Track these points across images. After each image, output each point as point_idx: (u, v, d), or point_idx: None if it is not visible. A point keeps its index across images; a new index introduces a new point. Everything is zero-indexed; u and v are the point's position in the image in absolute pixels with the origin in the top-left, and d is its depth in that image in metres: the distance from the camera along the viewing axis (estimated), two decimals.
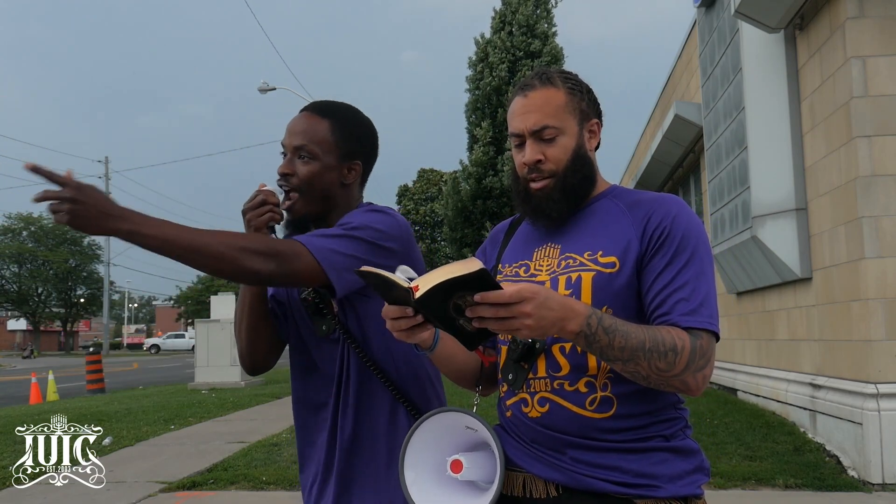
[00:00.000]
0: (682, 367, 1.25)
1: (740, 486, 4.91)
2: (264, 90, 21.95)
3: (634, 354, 1.22)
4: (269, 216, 1.59)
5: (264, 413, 9.95)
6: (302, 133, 1.62)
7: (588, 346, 1.22)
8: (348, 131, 1.66)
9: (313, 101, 1.73)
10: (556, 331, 1.18)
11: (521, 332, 1.14)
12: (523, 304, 1.12)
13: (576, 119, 1.42)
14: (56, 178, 1.29)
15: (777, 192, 6.57)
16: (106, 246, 49.09)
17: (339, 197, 1.66)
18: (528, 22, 15.65)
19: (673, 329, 1.27)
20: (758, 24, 6.46)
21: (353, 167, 1.66)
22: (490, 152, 15.23)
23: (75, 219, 1.29)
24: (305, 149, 1.61)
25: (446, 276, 1.09)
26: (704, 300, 1.31)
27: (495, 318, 1.12)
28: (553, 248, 1.43)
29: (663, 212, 1.36)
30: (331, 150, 1.63)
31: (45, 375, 15.20)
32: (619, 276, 1.33)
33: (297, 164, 1.62)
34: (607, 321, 1.22)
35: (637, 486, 1.31)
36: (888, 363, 5.07)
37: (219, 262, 1.40)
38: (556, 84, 1.42)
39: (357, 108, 1.73)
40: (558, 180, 1.41)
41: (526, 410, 1.38)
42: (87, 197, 1.30)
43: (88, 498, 5.00)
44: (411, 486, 1.33)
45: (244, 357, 1.69)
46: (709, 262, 1.35)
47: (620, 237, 1.36)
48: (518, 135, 1.43)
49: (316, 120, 1.64)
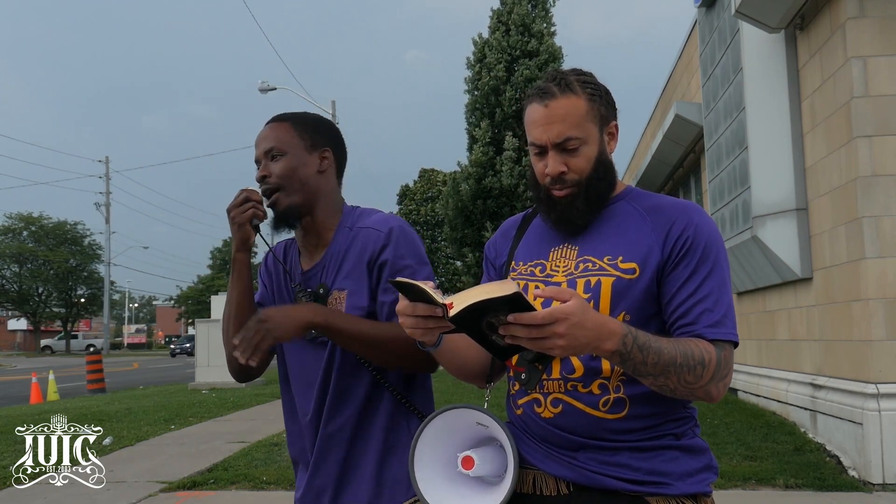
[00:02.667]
0: (707, 378, 1.26)
1: (740, 486, 4.90)
2: (264, 90, 21.97)
3: (666, 370, 1.23)
4: (252, 212, 1.65)
5: (264, 413, 9.96)
6: (266, 139, 1.71)
7: (622, 364, 1.22)
8: (309, 126, 1.74)
9: (272, 116, 1.80)
10: (590, 350, 1.18)
11: (553, 350, 1.14)
12: (556, 325, 1.11)
13: (597, 125, 1.40)
14: (247, 327, 1.54)
15: (777, 192, 6.57)
16: (106, 246, 49.08)
17: (319, 185, 1.71)
18: (525, 21, 15.62)
19: (701, 342, 1.28)
20: (758, 24, 6.46)
21: (324, 155, 1.73)
22: (489, 152, 15.21)
23: (272, 333, 1.52)
24: (274, 149, 1.69)
25: (482, 297, 1.11)
26: (727, 311, 1.32)
27: (528, 337, 1.12)
28: (570, 250, 1.42)
29: (686, 220, 1.36)
30: (296, 143, 1.70)
31: (45, 375, 15.21)
32: (639, 283, 1.33)
33: (271, 165, 1.69)
34: (641, 339, 1.22)
35: (648, 483, 1.32)
36: (888, 363, 5.07)
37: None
38: (576, 91, 1.39)
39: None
40: (582, 188, 1.40)
41: (539, 411, 1.38)
42: (272, 314, 1.55)
43: (88, 498, 5.00)
44: (422, 483, 1.33)
45: (231, 360, 1.68)
46: (727, 272, 1.36)
47: (641, 243, 1.36)
48: (539, 145, 1.40)
49: (276, 125, 1.73)
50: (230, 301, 1.70)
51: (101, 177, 47.31)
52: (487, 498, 1.32)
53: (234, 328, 1.66)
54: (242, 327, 1.54)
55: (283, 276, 1.76)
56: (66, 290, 57.48)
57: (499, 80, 15.29)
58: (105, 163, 47.92)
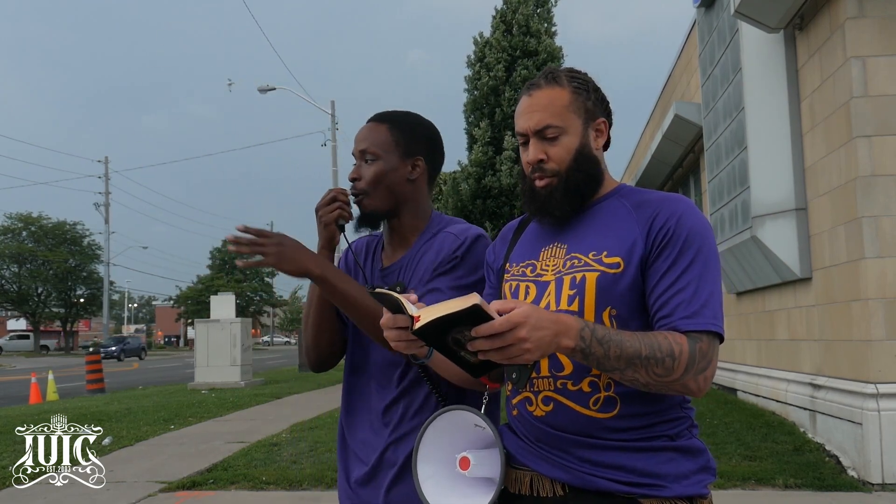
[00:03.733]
0: (680, 371, 1.24)
1: (740, 486, 4.91)
2: (264, 90, 21.95)
3: (631, 363, 1.22)
4: (339, 213, 1.69)
5: (264, 413, 9.96)
6: (364, 139, 1.74)
7: (585, 359, 1.22)
8: (406, 131, 1.77)
9: (376, 112, 1.83)
10: (553, 348, 1.18)
11: (524, 356, 1.14)
12: (517, 329, 1.12)
13: (580, 118, 1.42)
14: (263, 231, 1.56)
15: (777, 192, 6.57)
16: (105, 246, 49.07)
17: (406, 193, 1.75)
18: (528, 22, 15.62)
19: (670, 334, 1.26)
20: (758, 24, 6.46)
21: (416, 164, 1.76)
22: (489, 152, 15.21)
23: (281, 259, 1.55)
24: (368, 151, 1.73)
25: (442, 313, 1.12)
26: (707, 301, 1.30)
27: (494, 349, 1.13)
28: (559, 248, 1.43)
29: (669, 211, 1.35)
30: (391, 149, 1.73)
31: (45, 375, 15.21)
32: (624, 277, 1.33)
33: (363, 167, 1.73)
34: (600, 332, 1.22)
35: (642, 485, 1.31)
36: (888, 363, 5.07)
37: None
38: (562, 83, 1.42)
39: (416, 112, 1.85)
40: (561, 179, 1.41)
41: (531, 409, 1.38)
42: (289, 242, 1.58)
43: (88, 498, 5.00)
44: (426, 481, 1.34)
45: (309, 349, 1.78)
46: (714, 262, 1.34)
47: (626, 237, 1.36)
48: (523, 134, 1.43)
49: (375, 126, 1.76)
50: (311, 295, 1.75)
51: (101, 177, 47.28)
52: (478, 500, 1.32)
53: (314, 323, 1.74)
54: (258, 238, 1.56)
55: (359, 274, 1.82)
56: (66, 290, 57.43)
57: (498, 80, 15.29)
58: (104, 163, 47.90)
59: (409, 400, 1.68)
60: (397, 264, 1.75)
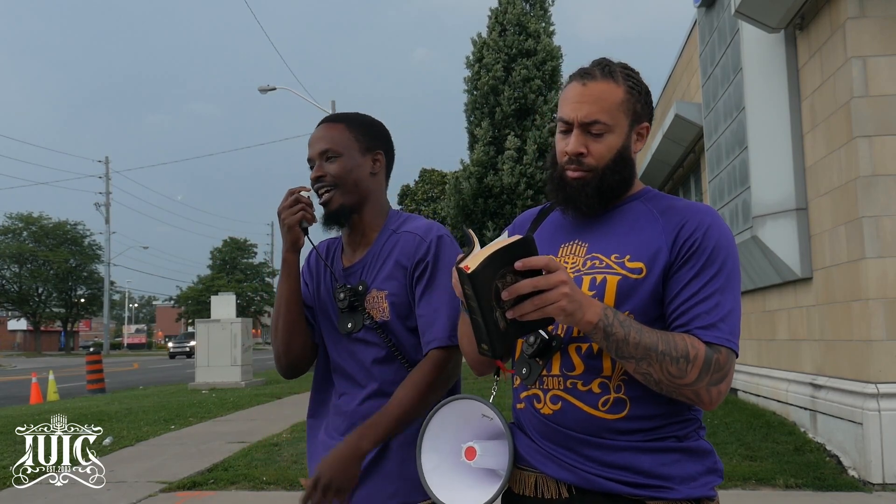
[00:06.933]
0: (694, 376, 1.23)
1: (740, 486, 4.90)
2: (265, 90, 21.95)
3: (647, 353, 1.22)
4: (301, 215, 1.69)
5: (264, 413, 9.95)
6: (321, 139, 1.76)
7: (605, 339, 1.22)
8: (362, 128, 1.80)
9: (325, 116, 1.86)
10: (579, 317, 1.19)
11: (556, 306, 1.16)
12: (560, 272, 1.16)
13: (628, 119, 1.39)
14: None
15: (777, 192, 6.57)
16: (106, 246, 49.09)
17: (370, 187, 1.78)
18: (521, 21, 15.62)
19: (688, 337, 1.26)
20: (758, 24, 6.46)
21: (376, 157, 1.79)
22: (490, 152, 15.21)
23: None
24: (329, 150, 1.74)
25: (496, 248, 1.15)
26: (727, 316, 1.29)
27: (538, 289, 1.15)
28: (580, 246, 1.41)
29: (696, 221, 1.34)
30: (351, 146, 1.76)
31: (45, 375, 15.21)
32: (645, 283, 1.31)
33: (326, 165, 1.74)
34: (622, 316, 1.23)
35: (649, 486, 1.30)
36: (888, 363, 5.07)
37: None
38: (617, 79, 1.38)
39: (364, 112, 1.87)
40: (596, 176, 1.38)
41: (538, 406, 1.37)
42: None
43: (88, 498, 5.00)
44: (430, 472, 1.34)
45: (280, 356, 1.79)
46: (736, 278, 1.33)
47: (650, 243, 1.34)
48: (567, 121, 1.39)
49: (331, 125, 1.78)
50: (279, 300, 1.76)
51: (101, 177, 47.34)
52: (482, 491, 1.32)
53: (284, 327, 1.75)
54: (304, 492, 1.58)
55: (327, 274, 1.82)
56: (66, 290, 57.45)
57: (497, 80, 15.29)
58: (105, 163, 47.94)
59: (375, 403, 1.69)
60: (359, 263, 1.77)
